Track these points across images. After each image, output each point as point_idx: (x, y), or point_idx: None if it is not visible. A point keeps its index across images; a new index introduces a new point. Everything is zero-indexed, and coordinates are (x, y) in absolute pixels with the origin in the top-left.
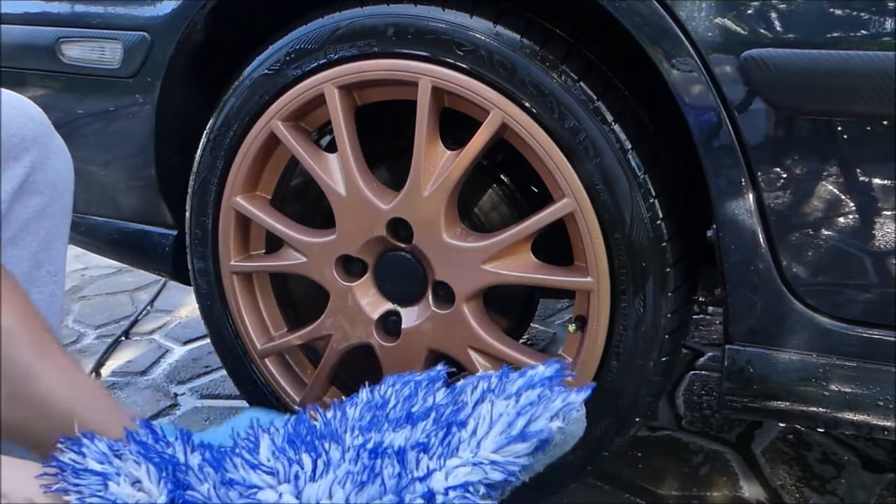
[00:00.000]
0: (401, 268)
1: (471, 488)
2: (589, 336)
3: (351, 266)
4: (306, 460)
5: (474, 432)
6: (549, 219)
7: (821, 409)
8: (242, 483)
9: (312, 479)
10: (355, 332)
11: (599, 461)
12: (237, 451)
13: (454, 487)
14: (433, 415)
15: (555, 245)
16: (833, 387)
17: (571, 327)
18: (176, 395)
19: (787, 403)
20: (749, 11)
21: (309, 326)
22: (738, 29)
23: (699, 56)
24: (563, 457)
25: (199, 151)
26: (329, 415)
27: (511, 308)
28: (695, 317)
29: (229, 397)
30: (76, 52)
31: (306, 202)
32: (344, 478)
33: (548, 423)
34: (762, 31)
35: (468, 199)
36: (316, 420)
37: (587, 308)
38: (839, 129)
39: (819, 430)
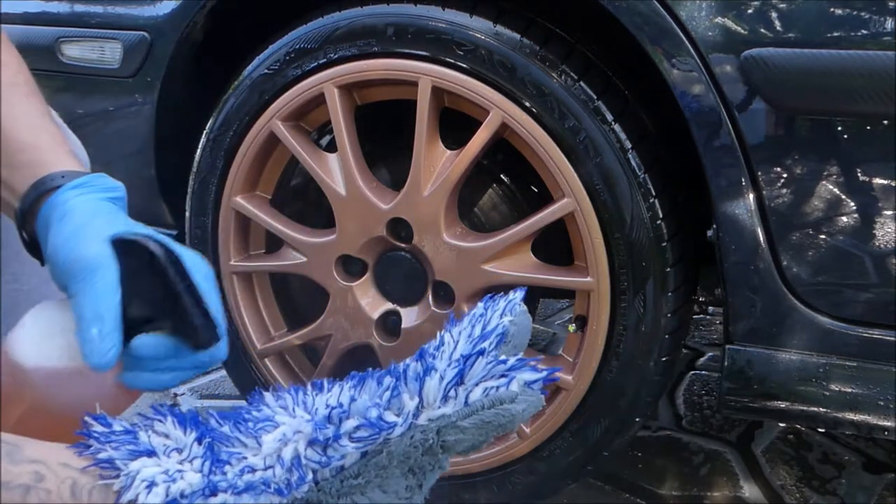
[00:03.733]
0: (401, 268)
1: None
2: (589, 336)
3: (351, 266)
4: (310, 390)
5: (444, 352)
6: (549, 219)
7: (821, 409)
8: (258, 419)
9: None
10: (355, 332)
11: (599, 461)
12: (241, 411)
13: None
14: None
15: (555, 245)
16: (833, 387)
17: (571, 327)
18: (176, 395)
19: (787, 403)
20: (749, 11)
21: (309, 326)
22: (738, 28)
23: (699, 56)
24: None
25: (198, 151)
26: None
27: None
28: (695, 317)
29: (229, 397)
30: (76, 51)
31: (306, 202)
32: (349, 390)
33: (499, 319)
34: (762, 30)
35: (468, 199)
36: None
37: (587, 308)
38: (839, 128)
39: (819, 430)
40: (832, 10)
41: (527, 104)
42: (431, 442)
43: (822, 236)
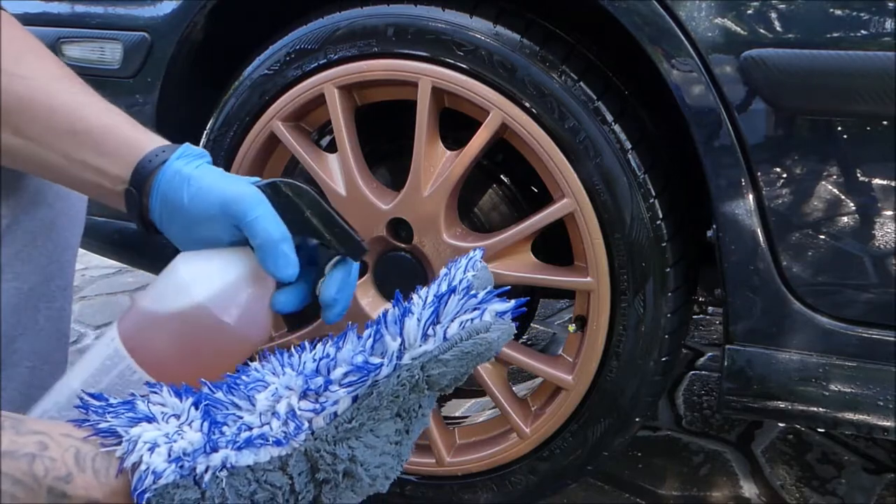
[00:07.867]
0: (401, 268)
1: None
2: (589, 336)
3: None
4: (294, 351)
5: (417, 305)
6: (549, 219)
7: (821, 409)
8: (248, 382)
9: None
10: None
11: (599, 461)
12: (232, 378)
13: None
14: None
15: (555, 245)
16: (833, 387)
17: (571, 327)
18: None
19: (787, 403)
20: (749, 11)
21: (309, 327)
22: (738, 29)
23: (699, 56)
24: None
25: None
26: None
27: None
28: (695, 317)
29: None
30: (76, 52)
31: None
32: (331, 345)
33: (463, 275)
34: (762, 31)
35: (468, 199)
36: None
37: (587, 308)
38: (839, 129)
39: (819, 430)
40: (832, 10)
41: (527, 105)
42: (417, 378)
43: (822, 236)
